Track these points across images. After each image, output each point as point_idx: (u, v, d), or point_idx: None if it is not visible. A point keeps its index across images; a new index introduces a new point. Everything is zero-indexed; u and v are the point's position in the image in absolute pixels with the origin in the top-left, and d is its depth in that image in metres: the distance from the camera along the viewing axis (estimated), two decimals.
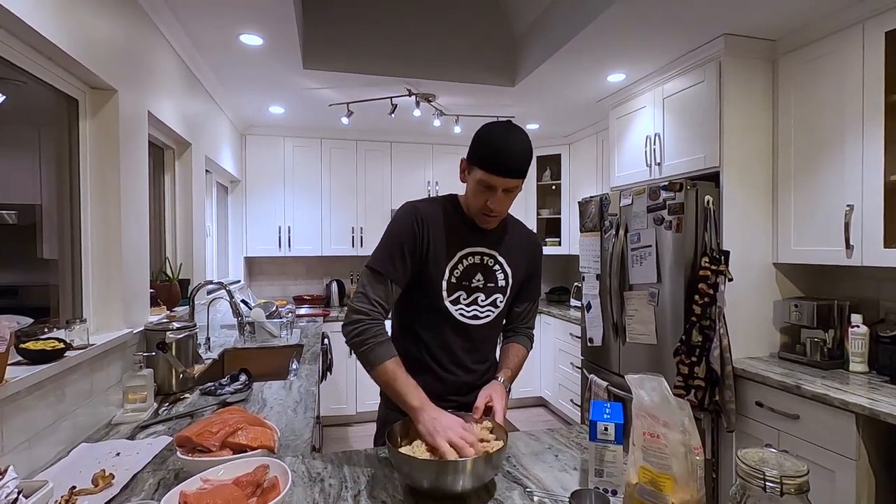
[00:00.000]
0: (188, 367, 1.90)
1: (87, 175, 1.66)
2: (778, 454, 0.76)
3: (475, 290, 1.28)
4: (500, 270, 1.31)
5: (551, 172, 4.57)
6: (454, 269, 1.26)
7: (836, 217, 2.07)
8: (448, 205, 1.29)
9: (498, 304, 1.32)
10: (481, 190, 1.18)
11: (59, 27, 1.34)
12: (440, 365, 1.30)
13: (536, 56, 2.80)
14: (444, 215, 1.27)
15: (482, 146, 1.16)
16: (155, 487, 1.09)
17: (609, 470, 0.99)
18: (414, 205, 1.27)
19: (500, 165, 1.14)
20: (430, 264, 1.24)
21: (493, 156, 1.14)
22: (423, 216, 1.24)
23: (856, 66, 1.98)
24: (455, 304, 1.27)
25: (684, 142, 2.59)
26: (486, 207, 1.19)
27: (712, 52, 2.36)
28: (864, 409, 1.65)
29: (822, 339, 2.15)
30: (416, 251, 1.23)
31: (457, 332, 1.29)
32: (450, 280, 1.25)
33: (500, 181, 1.15)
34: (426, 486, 0.95)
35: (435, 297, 1.25)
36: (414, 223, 1.23)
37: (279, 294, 4.46)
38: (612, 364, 2.81)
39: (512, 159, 1.14)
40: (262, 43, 2.44)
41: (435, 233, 1.24)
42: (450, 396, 1.30)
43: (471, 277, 1.27)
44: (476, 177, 1.18)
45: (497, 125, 1.19)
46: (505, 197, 1.19)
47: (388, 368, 1.14)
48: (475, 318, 1.29)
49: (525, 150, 1.16)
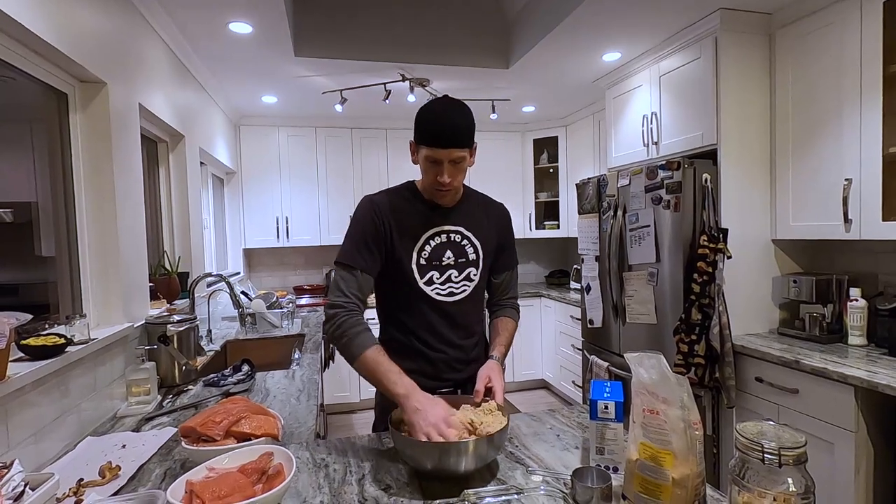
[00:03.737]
0: (190, 359, 1.91)
1: (80, 170, 1.65)
2: (776, 426, 0.76)
3: (447, 268, 1.31)
4: (469, 244, 1.34)
5: (548, 155, 4.54)
6: (421, 250, 1.29)
7: (834, 191, 2.06)
8: (405, 191, 1.34)
9: (472, 277, 1.35)
10: (430, 166, 1.22)
11: (44, 20, 1.31)
12: (428, 346, 1.33)
13: (530, 37, 2.77)
14: (403, 202, 1.31)
15: (423, 123, 1.21)
16: (161, 477, 1.10)
17: (610, 447, 1.00)
18: (370, 198, 1.32)
19: (440, 138, 1.18)
20: (397, 251, 1.28)
21: (433, 130, 1.18)
22: (380, 207, 1.28)
23: (854, 38, 1.96)
24: (430, 285, 1.30)
25: (681, 120, 2.57)
26: (437, 182, 1.22)
27: (708, 27, 2.33)
28: (863, 381, 1.66)
29: (820, 314, 2.16)
30: (380, 240, 1.27)
31: (437, 311, 1.32)
32: (419, 262, 1.29)
33: (444, 153, 1.19)
34: (429, 467, 0.97)
35: (409, 282, 1.29)
36: (373, 214, 1.27)
37: (279, 285, 4.47)
38: (613, 344, 2.83)
39: (451, 130, 1.18)
40: (251, 31, 2.40)
41: (395, 220, 1.28)
42: (444, 375, 1.34)
43: (440, 256, 1.31)
44: (423, 154, 1.22)
45: (435, 101, 1.24)
46: (454, 169, 1.22)
47: (369, 358, 1.15)
48: (451, 294, 1.32)
49: (464, 120, 1.20)
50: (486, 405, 1.14)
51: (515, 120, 4.43)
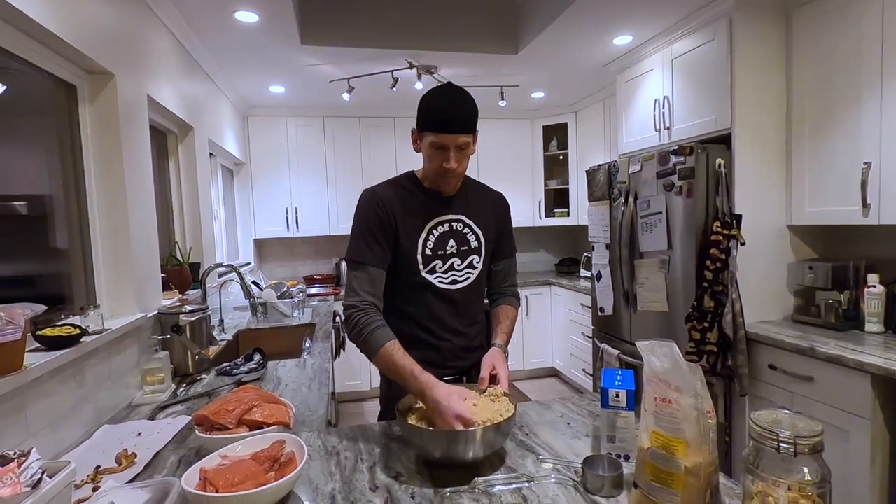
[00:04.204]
0: (203, 348, 1.93)
1: (90, 161, 1.66)
2: (791, 415, 0.75)
3: (450, 257, 1.32)
4: (471, 232, 1.35)
5: (558, 142, 4.49)
6: (426, 241, 1.30)
7: (852, 176, 2.01)
8: (407, 182, 1.34)
9: (475, 265, 1.36)
10: (435, 152, 1.22)
11: (51, 12, 1.31)
12: (432, 334, 1.33)
13: (539, 22, 2.71)
14: (405, 193, 1.31)
15: (427, 110, 1.21)
16: (176, 465, 1.12)
17: (621, 436, 0.99)
18: (372, 190, 1.32)
19: (447, 123, 1.18)
20: (401, 242, 1.28)
21: (439, 115, 1.19)
22: (383, 199, 1.28)
23: (875, 16, 1.89)
24: (432, 274, 1.31)
25: (694, 104, 2.52)
26: (443, 168, 1.23)
27: (723, 7, 2.27)
28: (880, 368, 1.63)
29: (836, 301, 2.12)
30: (387, 232, 1.27)
31: (441, 300, 1.32)
32: (424, 253, 1.30)
33: (451, 138, 1.19)
34: (438, 455, 0.97)
35: (413, 272, 1.30)
36: (377, 207, 1.27)
37: (289, 275, 4.49)
38: (623, 332, 2.81)
39: (458, 115, 1.19)
40: (257, 20, 2.38)
41: (399, 211, 1.28)
42: (449, 364, 1.34)
43: (444, 246, 1.32)
44: (427, 141, 1.22)
45: (437, 89, 1.24)
46: (459, 154, 1.22)
47: (385, 354, 1.15)
48: (454, 282, 1.33)
49: (469, 105, 1.21)
50: (492, 390, 1.15)
51: (524, 106, 4.38)
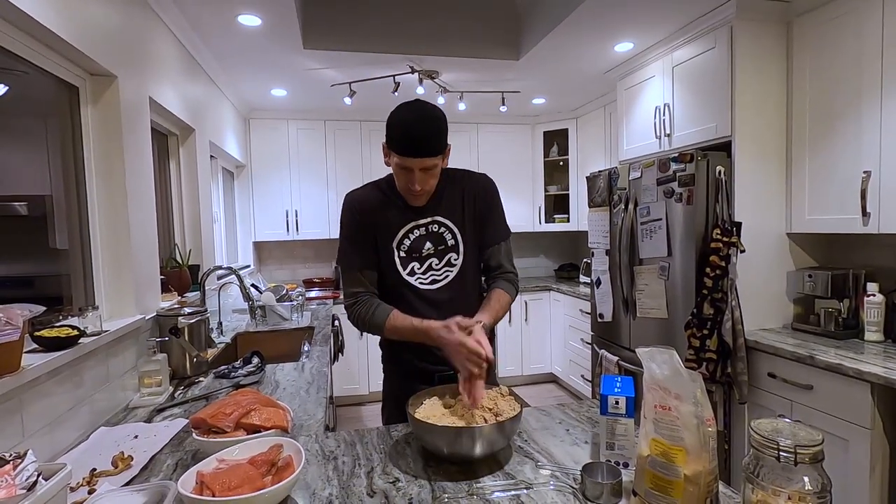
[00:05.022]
0: (201, 351, 1.93)
1: (91, 163, 1.66)
2: (792, 424, 0.75)
3: (427, 258, 1.35)
4: (447, 231, 1.36)
5: (559, 148, 4.50)
6: (401, 244, 1.33)
7: (852, 184, 2.01)
8: (385, 185, 1.36)
9: (453, 262, 1.37)
10: (401, 172, 1.24)
11: (54, 13, 1.32)
12: None
13: (541, 28, 2.73)
14: (382, 197, 1.34)
15: (392, 130, 1.20)
16: (173, 468, 1.11)
17: (620, 443, 0.99)
18: (351, 195, 1.36)
19: (410, 147, 1.18)
20: (379, 245, 1.33)
21: (403, 139, 1.18)
22: (359, 205, 1.33)
23: (875, 25, 1.90)
24: (412, 275, 1.34)
25: (694, 111, 2.53)
26: (409, 189, 1.25)
27: (724, 15, 2.28)
28: (880, 377, 1.63)
29: (836, 309, 2.12)
30: (367, 235, 1.32)
31: (424, 300, 1.34)
32: (400, 255, 1.34)
33: (415, 162, 1.19)
34: (446, 451, 1.00)
35: (393, 274, 1.34)
36: (354, 213, 1.33)
37: (289, 278, 4.49)
38: (623, 339, 2.80)
39: (421, 140, 1.18)
40: (260, 23, 2.39)
41: (375, 216, 1.32)
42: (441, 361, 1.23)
43: (420, 248, 1.34)
44: (394, 161, 1.23)
45: (405, 107, 1.22)
46: (426, 175, 1.23)
47: (389, 326, 1.25)
48: (434, 282, 1.35)
49: (433, 129, 1.19)
50: (498, 389, 1.16)
51: (525, 112, 4.39)
